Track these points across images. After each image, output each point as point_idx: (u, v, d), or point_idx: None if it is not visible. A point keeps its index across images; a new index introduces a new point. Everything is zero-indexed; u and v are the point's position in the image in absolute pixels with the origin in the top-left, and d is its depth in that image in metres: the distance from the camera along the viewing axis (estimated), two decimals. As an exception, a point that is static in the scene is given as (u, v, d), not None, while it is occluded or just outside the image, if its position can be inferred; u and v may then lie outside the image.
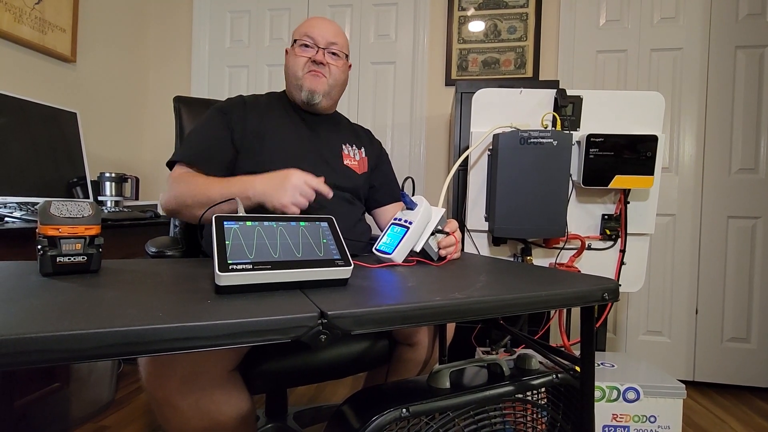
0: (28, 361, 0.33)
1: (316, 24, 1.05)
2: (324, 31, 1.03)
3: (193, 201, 0.85)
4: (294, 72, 1.04)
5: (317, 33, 1.03)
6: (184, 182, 0.89)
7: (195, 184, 0.87)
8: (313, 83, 1.03)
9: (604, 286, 0.61)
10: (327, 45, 1.03)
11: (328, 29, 1.04)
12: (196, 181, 0.88)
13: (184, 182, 0.89)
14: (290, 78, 1.06)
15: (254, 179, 0.81)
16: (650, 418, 1.19)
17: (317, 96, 1.03)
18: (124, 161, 2.13)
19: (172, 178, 0.92)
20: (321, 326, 0.43)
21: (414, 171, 2.09)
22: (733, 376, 1.82)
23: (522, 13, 2.00)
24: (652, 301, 1.90)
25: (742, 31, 1.81)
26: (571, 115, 1.28)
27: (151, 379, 0.66)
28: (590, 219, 1.30)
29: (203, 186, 0.86)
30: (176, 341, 0.37)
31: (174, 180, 0.91)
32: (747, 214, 1.81)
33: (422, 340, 0.91)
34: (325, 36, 1.03)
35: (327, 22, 1.06)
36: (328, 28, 1.05)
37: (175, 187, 0.89)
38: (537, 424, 0.66)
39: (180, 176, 0.92)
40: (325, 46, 1.03)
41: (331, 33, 1.04)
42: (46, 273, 0.54)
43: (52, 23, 1.72)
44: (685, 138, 1.87)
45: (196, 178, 0.90)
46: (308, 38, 1.03)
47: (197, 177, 0.91)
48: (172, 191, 0.90)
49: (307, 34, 1.03)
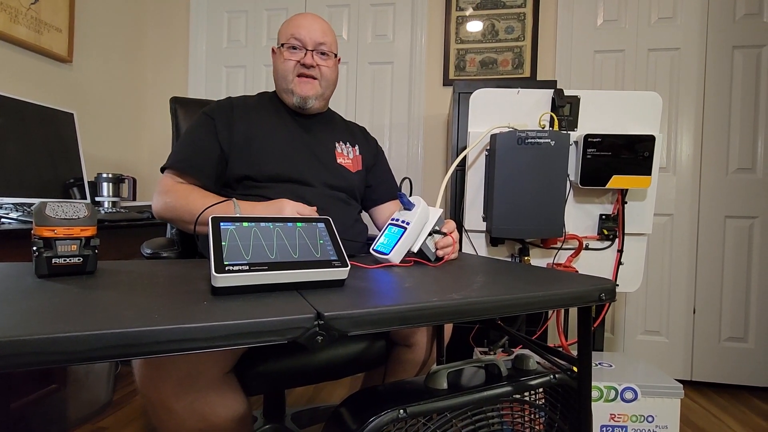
0: (23, 363, 0.32)
1: (302, 24, 1.00)
2: (311, 31, 1.00)
3: (190, 218, 0.84)
4: (283, 76, 1.02)
5: (304, 34, 0.99)
6: (178, 195, 0.89)
7: (192, 202, 0.86)
8: (304, 89, 1.01)
9: (602, 287, 0.61)
10: (315, 46, 1.00)
11: (315, 28, 1.00)
12: (194, 199, 0.87)
13: (178, 195, 0.89)
14: (279, 82, 1.04)
15: (251, 210, 0.83)
16: (648, 418, 1.19)
17: (310, 101, 1.02)
18: (121, 162, 2.13)
19: (161, 187, 0.92)
20: (317, 327, 0.42)
21: (411, 171, 2.09)
22: (731, 376, 1.82)
23: (519, 13, 2.00)
24: (650, 300, 1.90)
25: (739, 31, 1.81)
26: (569, 115, 1.28)
27: (145, 381, 0.66)
28: (588, 219, 1.30)
29: (200, 205, 0.84)
30: (172, 343, 0.37)
31: (164, 190, 0.91)
32: (744, 213, 1.81)
33: (420, 341, 0.91)
34: (313, 36, 1.00)
35: (313, 20, 1.02)
36: (316, 27, 1.00)
37: (164, 198, 0.90)
38: (535, 425, 0.66)
39: (170, 188, 0.92)
40: (313, 47, 1.00)
41: (318, 32, 1.00)
42: (42, 274, 0.54)
43: (48, 23, 1.71)
44: (682, 138, 1.87)
45: (190, 193, 0.90)
46: (295, 40, 0.99)
47: (191, 192, 0.90)
48: (162, 201, 0.90)
49: (294, 36, 0.99)
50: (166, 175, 0.96)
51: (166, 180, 0.95)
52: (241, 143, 0.98)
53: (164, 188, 0.92)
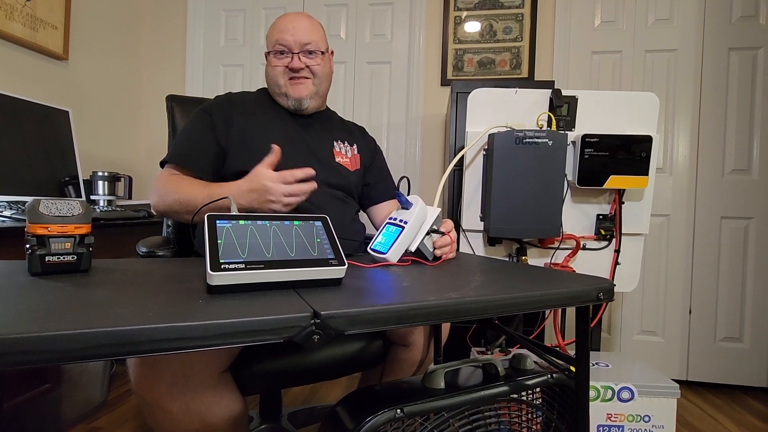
0: (16, 362, 0.32)
1: (285, 27, 1.00)
2: (295, 33, 0.99)
3: (180, 208, 0.86)
4: (275, 81, 1.03)
5: (288, 37, 0.99)
6: (170, 186, 0.89)
7: (182, 192, 0.87)
8: (296, 91, 1.01)
9: (599, 286, 0.61)
10: (301, 47, 1.00)
11: (298, 30, 0.99)
12: (183, 188, 0.88)
13: (170, 186, 0.89)
14: (272, 87, 1.05)
15: (236, 196, 0.78)
16: (644, 418, 1.19)
17: (305, 101, 1.03)
18: (117, 160, 2.11)
19: (158, 180, 0.93)
20: (314, 326, 0.42)
21: (409, 171, 2.09)
22: (727, 376, 1.83)
23: (517, 13, 2.00)
24: (647, 301, 1.91)
25: (735, 33, 1.82)
26: (567, 116, 1.28)
27: (140, 381, 0.65)
28: (585, 219, 1.30)
29: (190, 195, 0.84)
30: (167, 341, 0.37)
31: (160, 183, 0.92)
32: (740, 214, 1.82)
33: (417, 341, 0.91)
34: (298, 38, 0.99)
35: (296, 21, 1.01)
36: (299, 29, 1.00)
37: (160, 190, 0.90)
38: (532, 424, 0.66)
39: (165, 180, 0.92)
40: (299, 49, 1.00)
41: (302, 33, 0.99)
42: (35, 272, 0.53)
43: (43, 20, 1.70)
44: (679, 139, 1.88)
45: (181, 182, 0.90)
46: (280, 45, 1.00)
47: (183, 182, 0.90)
48: (159, 194, 0.90)
49: (278, 42, 0.99)
50: (165, 170, 0.97)
51: (163, 174, 0.96)
52: (239, 139, 0.98)
53: (161, 182, 0.93)
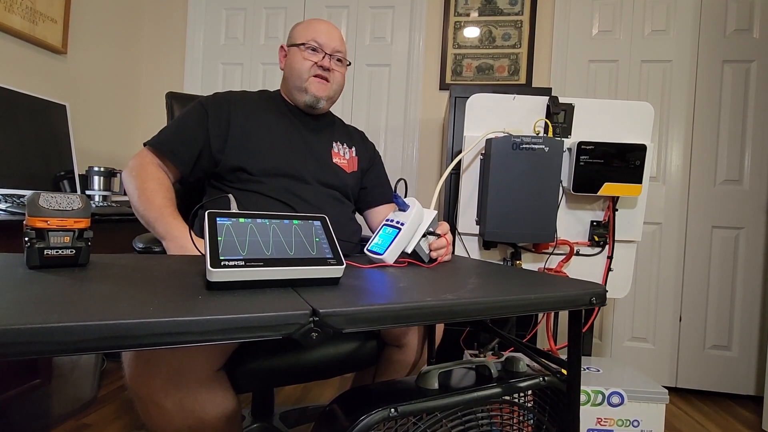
0: (14, 352, 0.32)
1: (323, 29, 1.07)
2: (331, 38, 1.06)
3: (140, 214, 0.88)
4: (299, 74, 1.04)
5: (325, 39, 1.05)
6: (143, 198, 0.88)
7: (148, 204, 0.87)
8: (318, 89, 1.05)
9: (593, 291, 0.62)
10: (333, 51, 1.06)
11: (334, 36, 1.07)
12: (150, 200, 0.88)
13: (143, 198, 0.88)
14: (293, 78, 1.06)
15: (166, 242, 0.83)
16: (633, 422, 1.20)
17: (321, 102, 1.06)
18: (113, 156, 2.10)
19: (135, 163, 0.94)
20: (312, 324, 0.43)
21: (407, 173, 2.10)
22: (715, 383, 1.85)
23: (517, 20, 2.03)
24: (638, 307, 1.93)
25: (729, 46, 1.85)
26: (563, 123, 1.29)
27: (134, 376, 0.65)
28: (579, 225, 1.32)
29: (152, 212, 0.86)
30: (167, 336, 0.37)
31: (135, 166, 0.93)
32: (731, 224, 1.85)
33: (411, 342, 0.91)
34: (332, 43, 1.06)
35: (333, 28, 1.09)
36: (335, 35, 1.07)
37: (132, 178, 0.91)
38: (523, 426, 0.67)
39: (139, 171, 0.92)
40: (331, 52, 1.05)
41: (337, 40, 1.07)
42: (33, 266, 0.53)
43: (43, 14, 1.69)
44: (672, 148, 1.91)
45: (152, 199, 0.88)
46: (316, 42, 1.05)
47: (154, 195, 0.89)
48: (129, 180, 0.91)
49: (315, 39, 1.05)
50: (144, 151, 0.97)
51: (143, 157, 0.95)
52: (237, 135, 0.99)
53: (135, 168, 0.93)
